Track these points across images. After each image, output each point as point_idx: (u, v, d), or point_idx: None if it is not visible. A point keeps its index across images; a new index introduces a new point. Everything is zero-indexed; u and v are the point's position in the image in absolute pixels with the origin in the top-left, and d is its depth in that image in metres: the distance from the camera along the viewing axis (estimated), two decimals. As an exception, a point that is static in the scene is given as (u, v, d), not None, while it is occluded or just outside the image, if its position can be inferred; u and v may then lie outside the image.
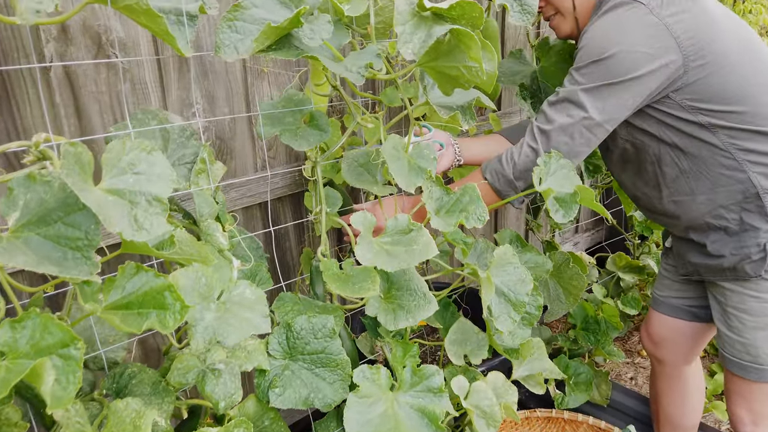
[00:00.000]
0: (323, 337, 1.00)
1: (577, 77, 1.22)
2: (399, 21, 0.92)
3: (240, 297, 0.84)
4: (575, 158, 1.25)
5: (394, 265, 0.93)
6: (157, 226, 0.69)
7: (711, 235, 1.28)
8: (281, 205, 1.68)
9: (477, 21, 0.96)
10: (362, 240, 0.96)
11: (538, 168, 1.15)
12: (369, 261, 0.93)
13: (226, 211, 1.02)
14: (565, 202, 1.14)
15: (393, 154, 1.04)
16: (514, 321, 1.09)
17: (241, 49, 0.90)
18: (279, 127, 1.05)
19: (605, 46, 1.18)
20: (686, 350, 1.55)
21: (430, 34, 0.96)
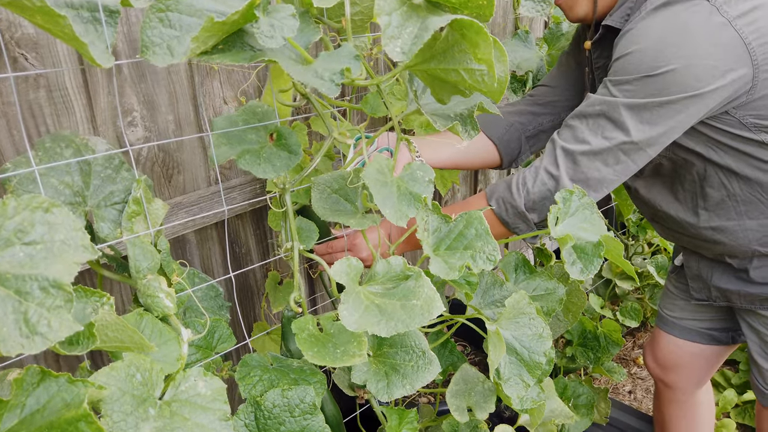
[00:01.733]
0: (302, 414, 0.80)
1: (616, 91, 0.98)
2: (383, 9, 0.71)
3: (191, 393, 0.63)
4: (602, 189, 1.02)
5: (390, 328, 0.72)
6: (58, 328, 0.47)
7: (755, 261, 1.11)
8: (241, 222, 1.46)
9: (485, 10, 0.76)
10: (347, 296, 0.75)
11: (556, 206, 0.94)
12: (356, 324, 0.72)
13: (171, 259, 0.79)
14: (586, 253, 0.93)
15: (378, 179, 0.83)
16: (528, 386, 0.91)
17: (178, 50, 0.66)
18: (238, 147, 0.83)
19: (663, 59, 0.93)
20: (700, 374, 1.41)
21: (425, 27, 0.74)
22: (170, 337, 0.71)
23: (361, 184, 0.96)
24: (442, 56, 0.81)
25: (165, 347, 0.70)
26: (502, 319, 0.91)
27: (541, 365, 0.90)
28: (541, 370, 0.89)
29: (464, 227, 0.88)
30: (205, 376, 0.64)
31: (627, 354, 2.20)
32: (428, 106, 0.96)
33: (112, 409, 0.56)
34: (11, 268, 0.49)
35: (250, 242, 1.49)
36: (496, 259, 0.84)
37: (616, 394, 2.02)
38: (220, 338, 0.87)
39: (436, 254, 0.87)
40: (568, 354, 1.65)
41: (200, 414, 0.61)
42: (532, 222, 1.05)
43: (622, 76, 0.97)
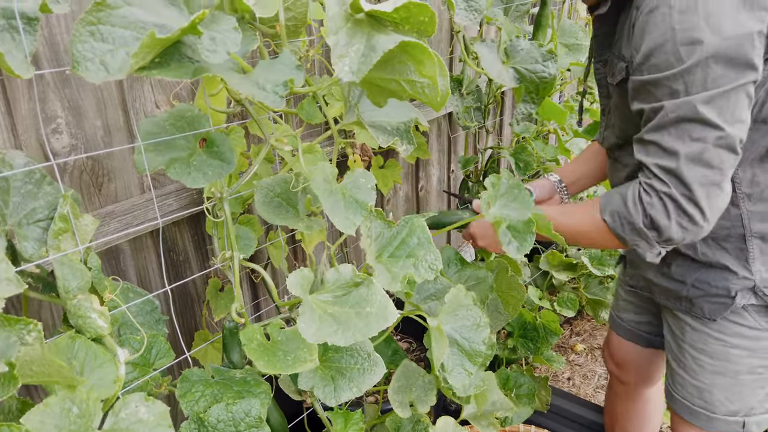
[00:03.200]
0: (248, 428, 0.79)
1: (679, 86, 0.87)
2: (331, 29, 0.70)
3: (132, 420, 0.61)
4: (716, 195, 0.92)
5: (348, 337, 0.72)
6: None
7: (679, 258, 1.13)
8: (178, 229, 1.41)
9: (426, 27, 0.76)
10: (304, 308, 0.75)
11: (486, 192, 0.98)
12: (315, 335, 0.72)
13: (103, 277, 0.76)
14: (519, 231, 0.97)
15: (324, 188, 0.83)
16: (470, 374, 0.93)
17: (113, 65, 0.63)
18: (166, 154, 0.80)
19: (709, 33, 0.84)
20: (650, 373, 1.44)
21: (371, 47, 0.74)
22: (106, 359, 0.68)
23: (302, 188, 0.95)
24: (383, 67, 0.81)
25: (100, 370, 0.67)
26: (442, 314, 0.92)
27: (482, 353, 0.92)
28: (482, 357, 0.92)
29: (407, 235, 0.89)
30: (146, 401, 0.62)
31: (565, 342, 2.29)
32: (366, 115, 0.96)
33: (44, 445, 0.54)
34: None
35: (189, 249, 1.45)
36: (438, 269, 0.86)
37: (555, 381, 2.11)
38: (158, 354, 0.84)
39: (378, 262, 0.87)
40: (510, 345, 1.71)
41: (142, 440, 0.59)
42: (653, 240, 0.97)
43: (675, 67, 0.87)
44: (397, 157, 1.96)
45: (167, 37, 0.60)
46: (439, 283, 1.10)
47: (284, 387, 1.21)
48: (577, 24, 1.72)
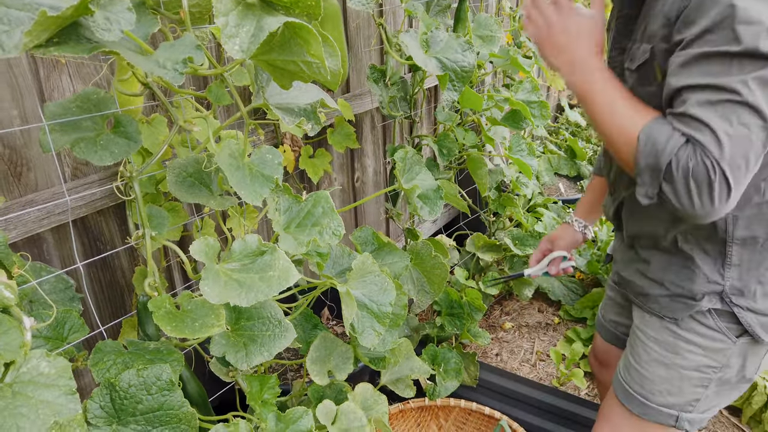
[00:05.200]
0: (159, 391, 0.83)
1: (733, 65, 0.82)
2: (220, 11, 0.76)
3: (34, 373, 0.64)
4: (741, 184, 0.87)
5: (250, 298, 0.78)
6: None
7: (657, 256, 1.10)
8: (103, 219, 1.43)
9: (314, 10, 0.82)
10: (207, 272, 0.79)
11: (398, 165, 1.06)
12: (218, 297, 0.77)
13: (10, 252, 0.79)
14: (430, 198, 1.06)
15: (230, 162, 0.88)
16: (379, 334, 1.00)
17: (9, 44, 0.67)
18: (73, 134, 0.84)
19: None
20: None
21: (260, 27, 0.80)
22: (11, 326, 0.71)
23: (214, 168, 0.99)
24: (281, 49, 0.87)
25: (6, 336, 0.70)
26: (351, 280, 0.99)
27: (389, 314, 0.99)
28: (389, 318, 0.99)
29: (312, 206, 0.95)
30: (47, 357, 0.65)
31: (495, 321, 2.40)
32: (274, 98, 1.02)
33: (-57, 395, 0.57)
34: None
35: (116, 238, 1.47)
36: (341, 234, 0.92)
37: (485, 357, 2.21)
38: (72, 328, 0.87)
39: (286, 232, 0.93)
40: (438, 324, 1.79)
41: (44, 391, 0.63)
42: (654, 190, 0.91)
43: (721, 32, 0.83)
44: (328, 147, 2.02)
45: (58, 15, 0.64)
46: (353, 258, 1.17)
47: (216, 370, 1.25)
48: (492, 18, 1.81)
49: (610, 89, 0.98)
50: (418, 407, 1.78)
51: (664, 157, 0.88)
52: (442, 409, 1.78)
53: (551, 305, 2.52)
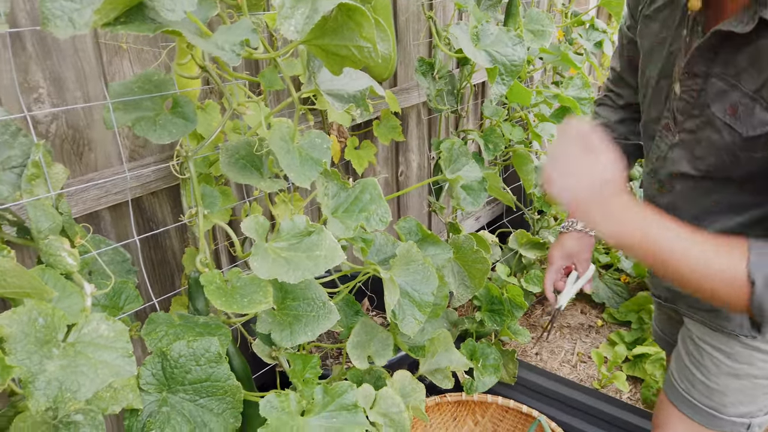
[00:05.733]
0: (207, 362, 0.86)
1: None
2: None
3: (94, 335, 0.68)
4: None
5: (297, 275, 0.80)
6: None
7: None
8: (157, 200, 1.48)
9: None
10: (257, 249, 0.82)
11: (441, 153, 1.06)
12: (267, 272, 0.80)
13: (74, 222, 0.83)
14: (473, 189, 1.06)
15: (281, 145, 0.90)
16: (420, 322, 1.01)
17: (80, 21, 0.71)
18: (134, 113, 0.87)
19: None
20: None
21: (315, 9, 0.82)
22: (73, 291, 0.75)
23: (265, 152, 1.02)
24: (334, 33, 0.88)
25: (68, 300, 0.74)
26: (394, 267, 1.00)
27: (430, 303, 1.00)
28: (430, 307, 0.99)
29: (360, 192, 0.97)
30: (107, 320, 0.69)
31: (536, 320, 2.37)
32: (325, 84, 1.04)
33: (15, 348, 0.61)
34: None
35: (168, 220, 1.52)
36: (388, 221, 0.93)
37: (525, 356, 2.18)
38: (127, 299, 0.91)
39: (334, 216, 0.94)
40: (478, 319, 1.78)
41: (103, 352, 0.66)
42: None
43: None
44: (374, 139, 2.04)
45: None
46: (397, 246, 1.18)
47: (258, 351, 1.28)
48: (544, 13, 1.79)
49: (674, 237, 0.80)
50: (455, 401, 1.77)
51: None
52: (478, 404, 1.78)
53: (595, 307, 2.48)
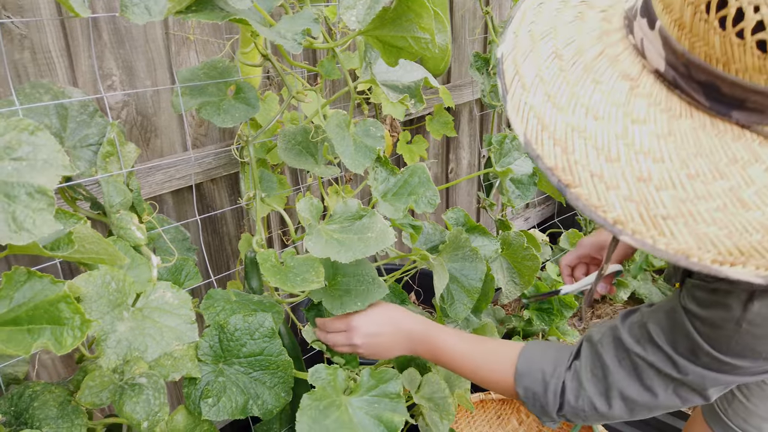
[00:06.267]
0: (261, 337, 0.90)
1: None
2: None
3: (160, 301, 0.72)
4: None
5: (348, 256, 0.83)
6: (41, 225, 0.56)
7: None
8: (216, 187, 1.54)
9: (426, -17, 0.85)
10: (311, 230, 0.85)
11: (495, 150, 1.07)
12: (321, 252, 0.83)
13: (142, 199, 0.88)
14: (523, 183, 1.06)
15: (337, 132, 0.93)
16: (467, 307, 1.02)
17: (155, 9, 0.76)
18: (199, 98, 0.92)
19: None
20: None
21: (376, 0, 0.84)
22: (141, 262, 0.80)
23: (320, 139, 1.05)
24: (393, 24, 0.91)
25: (137, 270, 0.79)
26: (443, 253, 1.01)
27: (478, 290, 1.01)
28: (478, 293, 1.00)
29: (409, 176, 0.99)
30: (172, 288, 0.73)
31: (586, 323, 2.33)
32: (380, 75, 1.06)
33: (90, 308, 0.66)
34: (1, 177, 0.58)
35: (225, 206, 1.58)
36: (436, 203, 0.95)
37: (572, 358, 2.14)
38: (188, 275, 0.96)
39: (384, 200, 0.97)
40: (526, 317, 1.77)
41: (168, 318, 0.71)
42: (557, 421, 0.89)
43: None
44: (425, 134, 2.05)
45: (200, -17, 0.72)
46: (444, 235, 1.19)
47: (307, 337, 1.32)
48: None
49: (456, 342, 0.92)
50: (499, 399, 1.77)
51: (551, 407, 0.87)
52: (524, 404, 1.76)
53: (646, 313, 2.40)
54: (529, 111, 0.61)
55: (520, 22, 0.68)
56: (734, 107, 0.56)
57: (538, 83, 0.62)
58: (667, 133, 0.57)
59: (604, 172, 0.57)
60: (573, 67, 0.62)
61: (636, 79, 0.60)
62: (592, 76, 0.61)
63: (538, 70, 0.62)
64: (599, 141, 0.58)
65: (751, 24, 0.50)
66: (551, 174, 0.59)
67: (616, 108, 0.59)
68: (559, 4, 0.68)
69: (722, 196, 0.55)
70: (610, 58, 0.62)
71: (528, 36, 0.66)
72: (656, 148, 0.57)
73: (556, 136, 0.59)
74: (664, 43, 0.57)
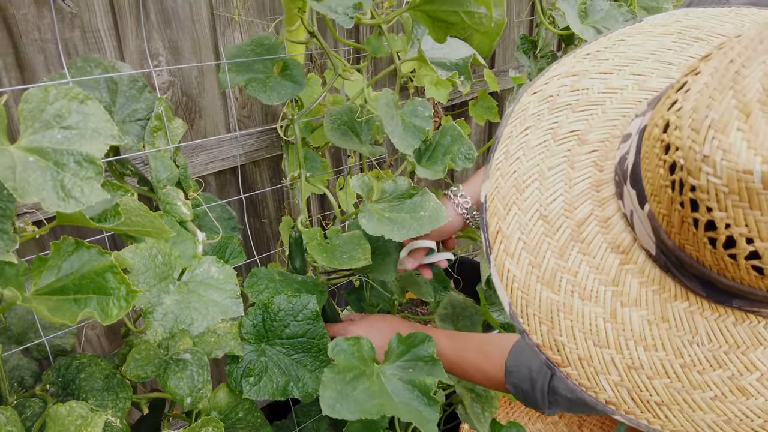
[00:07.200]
0: (305, 319, 0.88)
1: None
2: None
3: (205, 276, 0.71)
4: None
5: (402, 233, 0.82)
6: (89, 194, 0.56)
7: None
8: (257, 169, 1.54)
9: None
10: (364, 207, 0.84)
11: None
12: (374, 230, 0.82)
13: (188, 176, 0.88)
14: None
15: (386, 110, 0.91)
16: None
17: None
18: (246, 75, 0.91)
19: None
20: None
21: None
22: (187, 238, 0.80)
23: (365, 119, 1.03)
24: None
25: (182, 245, 0.79)
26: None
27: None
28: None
29: (440, 138, 0.96)
30: (218, 263, 0.72)
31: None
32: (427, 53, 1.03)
33: (138, 280, 0.65)
34: (51, 145, 0.57)
35: (267, 189, 1.58)
36: (474, 157, 0.92)
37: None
38: (232, 253, 0.95)
39: (421, 166, 0.94)
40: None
41: (214, 292, 0.70)
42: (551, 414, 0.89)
43: None
44: (468, 119, 2.01)
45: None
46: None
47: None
48: (660, -13, 1.68)
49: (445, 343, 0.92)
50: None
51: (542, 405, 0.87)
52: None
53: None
54: (513, 281, 0.56)
55: (505, 157, 0.60)
56: (735, 297, 0.50)
57: (521, 249, 0.56)
58: (661, 317, 0.52)
59: (592, 356, 0.53)
60: (559, 233, 0.56)
61: (627, 252, 0.54)
62: (579, 245, 0.55)
63: (521, 233, 0.56)
64: (586, 323, 0.53)
65: (744, 252, 0.43)
66: (538, 351, 0.55)
67: (605, 287, 0.54)
68: (546, 134, 0.60)
69: (720, 385, 0.51)
70: (600, 221, 0.56)
71: (512, 180, 0.59)
72: (648, 335, 0.52)
73: (541, 313, 0.55)
74: (653, 229, 0.51)
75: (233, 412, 0.87)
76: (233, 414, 0.87)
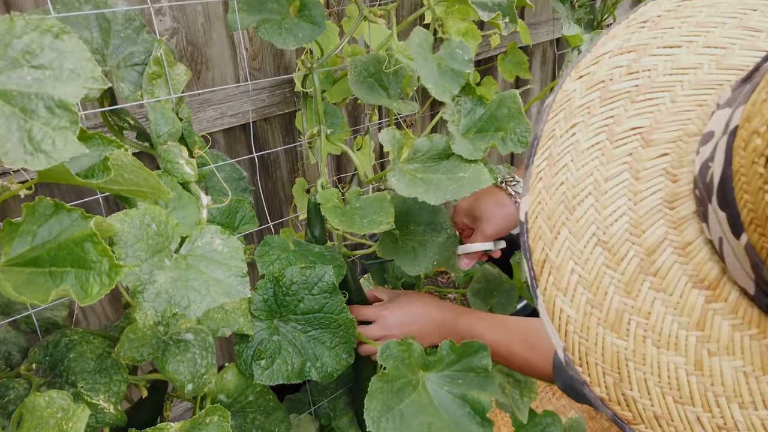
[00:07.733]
0: (321, 292, 0.79)
1: None
2: None
3: (207, 249, 0.61)
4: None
5: (438, 197, 0.71)
6: (62, 147, 0.45)
7: None
8: (269, 126, 1.43)
9: None
10: (393, 164, 0.73)
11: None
12: (406, 190, 0.71)
13: (193, 131, 0.77)
14: None
15: (419, 52, 0.79)
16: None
17: None
18: (258, 15, 0.79)
19: None
20: None
21: None
22: (190, 202, 0.69)
23: (393, 70, 0.91)
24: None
25: (184, 210, 0.68)
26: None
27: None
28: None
29: (496, 108, 0.83)
30: (222, 234, 0.62)
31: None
32: (468, -9, 0.90)
33: (125, 253, 0.55)
34: (17, 87, 0.46)
35: (279, 148, 1.47)
36: (527, 141, 0.79)
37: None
38: (243, 219, 0.85)
39: (464, 137, 0.82)
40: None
41: (216, 269, 0.60)
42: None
43: None
44: (496, 75, 1.87)
45: None
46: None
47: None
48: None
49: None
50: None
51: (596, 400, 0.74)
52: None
53: None
54: (567, 323, 0.43)
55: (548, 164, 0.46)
56: None
57: (576, 284, 0.43)
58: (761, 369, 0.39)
59: (672, 415, 0.41)
60: (624, 263, 0.43)
61: (715, 287, 0.41)
62: (651, 279, 0.42)
63: (575, 263, 0.43)
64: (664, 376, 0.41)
65: None
66: (603, 405, 0.43)
67: (687, 331, 0.41)
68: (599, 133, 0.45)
69: None
70: (677, 248, 0.43)
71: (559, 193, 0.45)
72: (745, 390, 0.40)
73: (605, 363, 0.43)
74: (753, 266, 0.38)
75: (243, 395, 0.78)
76: (243, 397, 0.78)
